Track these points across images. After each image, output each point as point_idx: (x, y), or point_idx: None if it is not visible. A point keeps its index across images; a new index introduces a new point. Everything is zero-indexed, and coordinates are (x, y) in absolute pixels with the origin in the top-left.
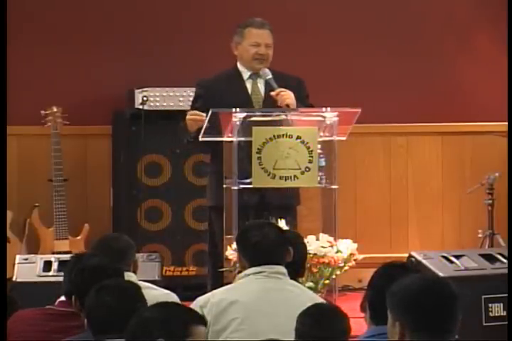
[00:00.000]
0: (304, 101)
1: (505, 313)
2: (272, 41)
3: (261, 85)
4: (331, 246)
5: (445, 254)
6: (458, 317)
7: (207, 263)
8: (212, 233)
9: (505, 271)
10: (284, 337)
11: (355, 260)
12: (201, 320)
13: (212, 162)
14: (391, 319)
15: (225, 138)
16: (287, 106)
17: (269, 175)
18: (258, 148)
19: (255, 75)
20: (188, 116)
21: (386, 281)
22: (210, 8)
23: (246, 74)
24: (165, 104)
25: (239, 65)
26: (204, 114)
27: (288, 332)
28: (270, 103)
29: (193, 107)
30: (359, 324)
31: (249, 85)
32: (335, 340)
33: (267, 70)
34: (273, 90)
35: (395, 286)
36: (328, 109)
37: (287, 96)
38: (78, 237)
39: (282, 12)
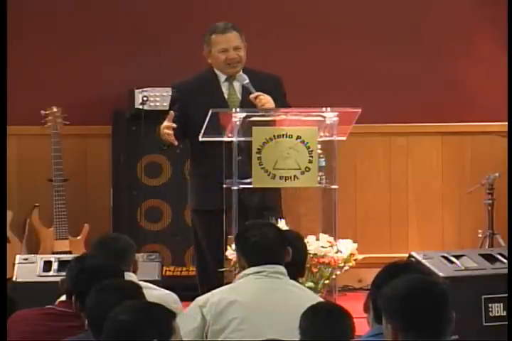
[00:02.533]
0: (281, 100)
1: (505, 313)
2: (240, 42)
3: (238, 88)
4: (331, 246)
5: (445, 254)
6: (450, 317)
7: (195, 266)
8: (196, 236)
9: (505, 271)
10: (284, 337)
11: (355, 260)
12: (175, 314)
13: (192, 165)
14: (384, 320)
15: (225, 138)
16: None
17: (269, 175)
18: (258, 148)
19: (232, 78)
20: (162, 130)
21: (389, 281)
22: (210, 8)
23: (222, 77)
24: (165, 104)
25: (215, 69)
26: (172, 133)
27: (288, 332)
28: (247, 106)
29: (171, 110)
30: (359, 324)
31: (225, 88)
32: (340, 339)
33: (243, 75)
34: (251, 94)
35: (386, 288)
36: (328, 109)
37: (266, 100)
38: (78, 237)
39: (282, 12)
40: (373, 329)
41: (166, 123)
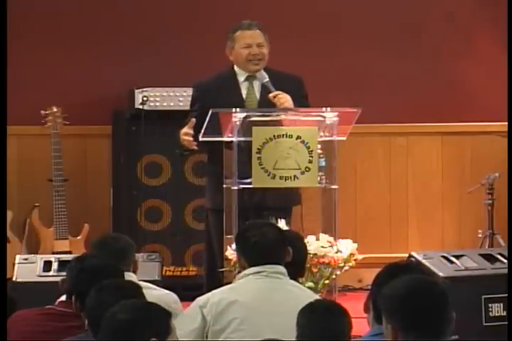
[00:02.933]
0: (301, 101)
1: (505, 313)
2: (263, 40)
3: (257, 87)
4: (331, 246)
5: (445, 254)
6: (449, 317)
7: (203, 264)
8: (209, 235)
9: (505, 271)
10: (284, 337)
11: (355, 260)
12: (171, 314)
13: (209, 163)
14: (384, 320)
15: (225, 138)
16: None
17: (269, 175)
18: (258, 148)
19: (252, 77)
20: (181, 137)
21: (390, 281)
22: (211, 8)
23: (242, 76)
24: (165, 104)
25: (235, 67)
26: (192, 139)
27: (288, 332)
28: (265, 106)
29: (192, 110)
30: (359, 324)
31: (244, 88)
32: (337, 338)
33: (263, 73)
34: (270, 93)
35: (385, 289)
36: (328, 109)
37: (284, 99)
38: (78, 237)
39: (282, 12)
40: (373, 330)
41: (185, 129)
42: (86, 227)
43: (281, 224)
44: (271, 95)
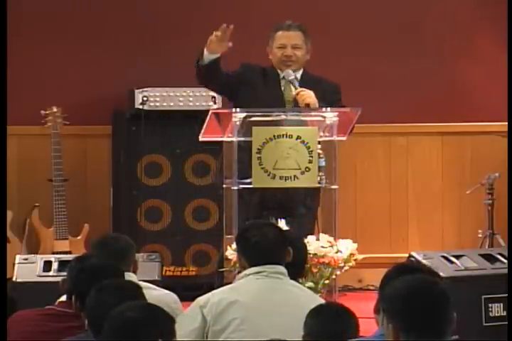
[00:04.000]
0: (335, 103)
1: (505, 313)
2: (301, 42)
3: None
4: (331, 246)
5: (445, 254)
6: (450, 317)
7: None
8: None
9: (505, 271)
10: (284, 337)
11: (355, 260)
12: (174, 318)
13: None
14: (385, 321)
15: (225, 138)
16: (307, 105)
17: (269, 175)
18: (258, 148)
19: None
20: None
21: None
22: (211, 8)
23: (281, 74)
24: (165, 104)
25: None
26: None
27: (288, 332)
28: (296, 104)
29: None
30: (360, 324)
31: (282, 84)
32: (344, 340)
33: (290, 71)
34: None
35: (386, 289)
36: (328, 109)
37: (307, 95)
38: (78, 237)
39: (282, 12)
40: (382, 329)
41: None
42: (86, 227)
43: (282, 224)
44: (294, 92)
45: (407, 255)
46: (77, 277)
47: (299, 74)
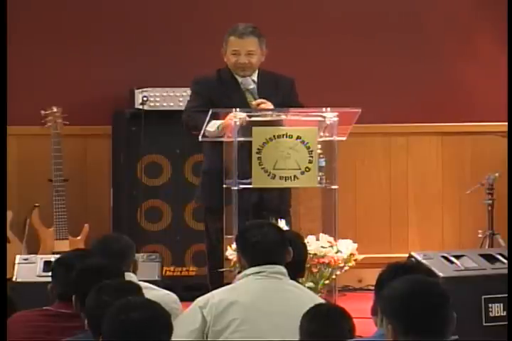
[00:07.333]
0: (294, 102)
1: (505, 313)
2: (256, 47)
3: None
4: (331, 246)
5: (445, 254)
6: (449, 317)
7: (206, 263)
8: (207, 234)
9: (505, 271)
10: (284, 338)
11: (355, 260)
12: (169, 313)
13: (205, 161)
14: (384, 321)
15: (225, 138)
16: None
17: (269, 175)
18: (258, 148)
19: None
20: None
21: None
22: (211, 8)
23: (239, 79)
24: (165, 104)
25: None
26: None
27: (288, 332)
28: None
29: (192, 106)
30: (359, 324)
31: (242, 91)
32: (340, 340)
33: (248, 80)
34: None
35: (385, 289)
36: (328, 109)
37: (267, 107)
38: (78, 237)
39: (282, 12)
40: (381, 330)
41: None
42: (86, 227)
43: (281, 224)
44: (254, 103)
45: (407, 255)
46: (77, 277)
47: (255, 77)
